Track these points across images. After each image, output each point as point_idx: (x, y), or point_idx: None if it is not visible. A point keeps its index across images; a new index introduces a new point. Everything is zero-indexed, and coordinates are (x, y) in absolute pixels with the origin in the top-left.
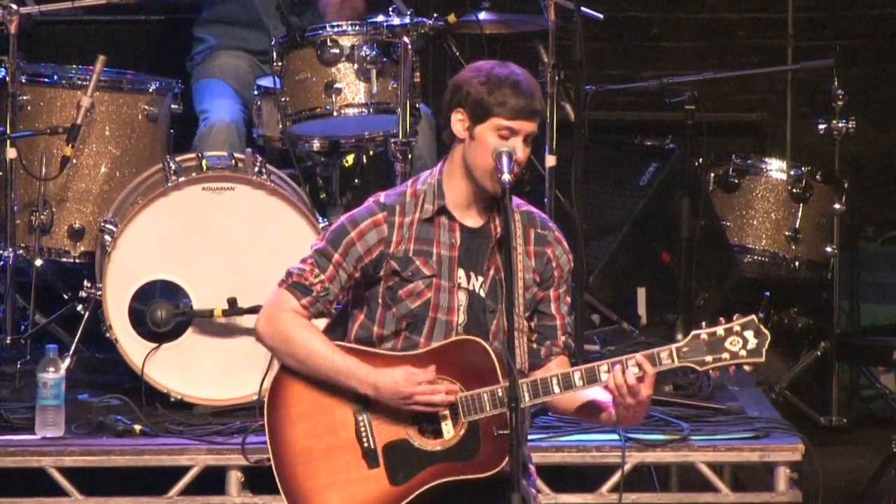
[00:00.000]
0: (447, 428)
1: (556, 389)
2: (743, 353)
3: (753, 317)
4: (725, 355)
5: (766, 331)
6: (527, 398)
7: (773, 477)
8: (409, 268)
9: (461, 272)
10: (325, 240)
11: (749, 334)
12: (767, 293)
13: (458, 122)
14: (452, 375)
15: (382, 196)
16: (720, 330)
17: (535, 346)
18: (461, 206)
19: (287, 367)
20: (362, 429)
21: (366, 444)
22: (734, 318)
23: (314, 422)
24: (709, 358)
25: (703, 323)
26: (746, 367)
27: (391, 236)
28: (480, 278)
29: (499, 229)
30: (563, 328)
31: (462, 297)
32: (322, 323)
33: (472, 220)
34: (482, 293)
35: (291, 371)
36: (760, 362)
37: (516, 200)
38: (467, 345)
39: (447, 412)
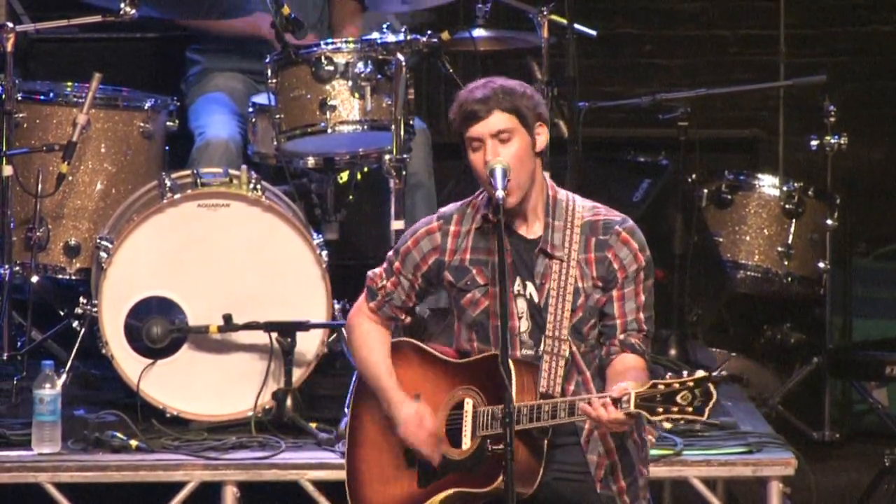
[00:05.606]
0: (466, 439)
1: (545, 417)
2: (689, 409)
3: (706, 374)
4: (674, 409)
5: (713, 391)
6: (524, 420)
7: (766, 492)
8: (465, 277)
9: (517, 279)
10: (394, 247)
11: (698, 392)
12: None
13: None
14: (479, 388)
15: (447, 207)
16: (676, 383)
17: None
18: (511, 217)
19: None
20: None
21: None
22: (693, 373)
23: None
24: (660, 409)
25: (668, 374)
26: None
27: (445, 244)
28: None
29: (549, 240)
30: (623, 327)
31: (521, 304)
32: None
33: (526, 230)
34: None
35: None
36: (701, 420)
37: (587, 211)
38: (493, 360)
39: (470, 425)
